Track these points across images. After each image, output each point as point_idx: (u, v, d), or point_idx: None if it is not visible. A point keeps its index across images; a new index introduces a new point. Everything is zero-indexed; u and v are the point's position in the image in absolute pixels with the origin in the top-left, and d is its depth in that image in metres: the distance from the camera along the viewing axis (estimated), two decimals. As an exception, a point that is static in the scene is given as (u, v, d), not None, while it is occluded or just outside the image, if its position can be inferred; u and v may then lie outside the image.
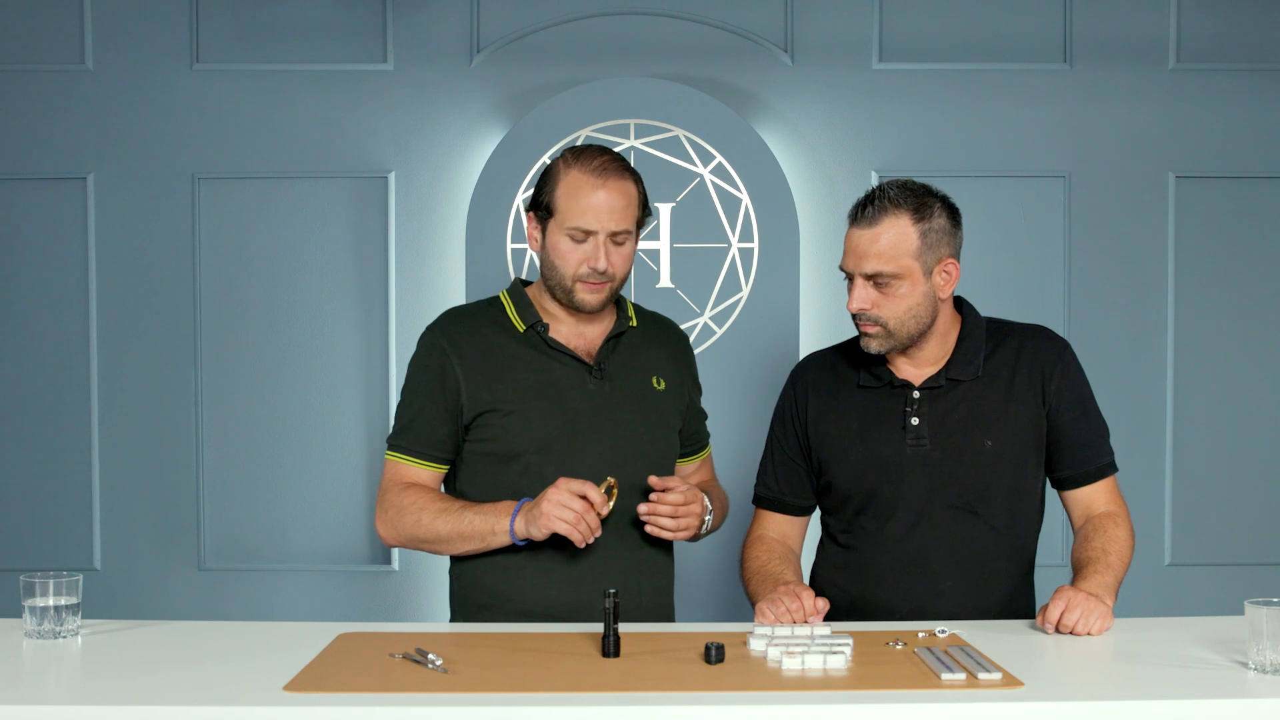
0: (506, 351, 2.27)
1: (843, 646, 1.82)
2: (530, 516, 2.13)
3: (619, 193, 2.21)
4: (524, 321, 2.29)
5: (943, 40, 3.68)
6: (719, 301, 3.56)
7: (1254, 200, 3.70)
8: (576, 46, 3.66)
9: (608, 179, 2.20)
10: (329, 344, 3.69)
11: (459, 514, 2.20)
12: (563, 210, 2.21)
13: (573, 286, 2.23)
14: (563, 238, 2.21)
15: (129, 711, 1.63)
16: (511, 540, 2.17)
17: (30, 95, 3.67)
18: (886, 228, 2.16)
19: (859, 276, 2.19)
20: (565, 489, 2.10)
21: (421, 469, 2.29)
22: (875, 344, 2.22)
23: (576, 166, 2.22)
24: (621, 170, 2.23)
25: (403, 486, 2.27)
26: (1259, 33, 3.68)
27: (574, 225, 2.20)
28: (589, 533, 2.11)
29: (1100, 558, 2.16)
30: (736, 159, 3.54)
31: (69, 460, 3.70)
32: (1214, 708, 1.64)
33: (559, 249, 2.22)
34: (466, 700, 1.65)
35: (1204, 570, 3.69)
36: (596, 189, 2.20)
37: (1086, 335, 3.61)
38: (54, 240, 3.68)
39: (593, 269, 2.20)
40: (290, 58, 3.68)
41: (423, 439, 2.28)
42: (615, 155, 2.25)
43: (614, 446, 2.26)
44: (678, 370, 2.40)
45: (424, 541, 2.25)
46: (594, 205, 2.19)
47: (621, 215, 2.21)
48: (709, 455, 2.52)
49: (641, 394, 2.31)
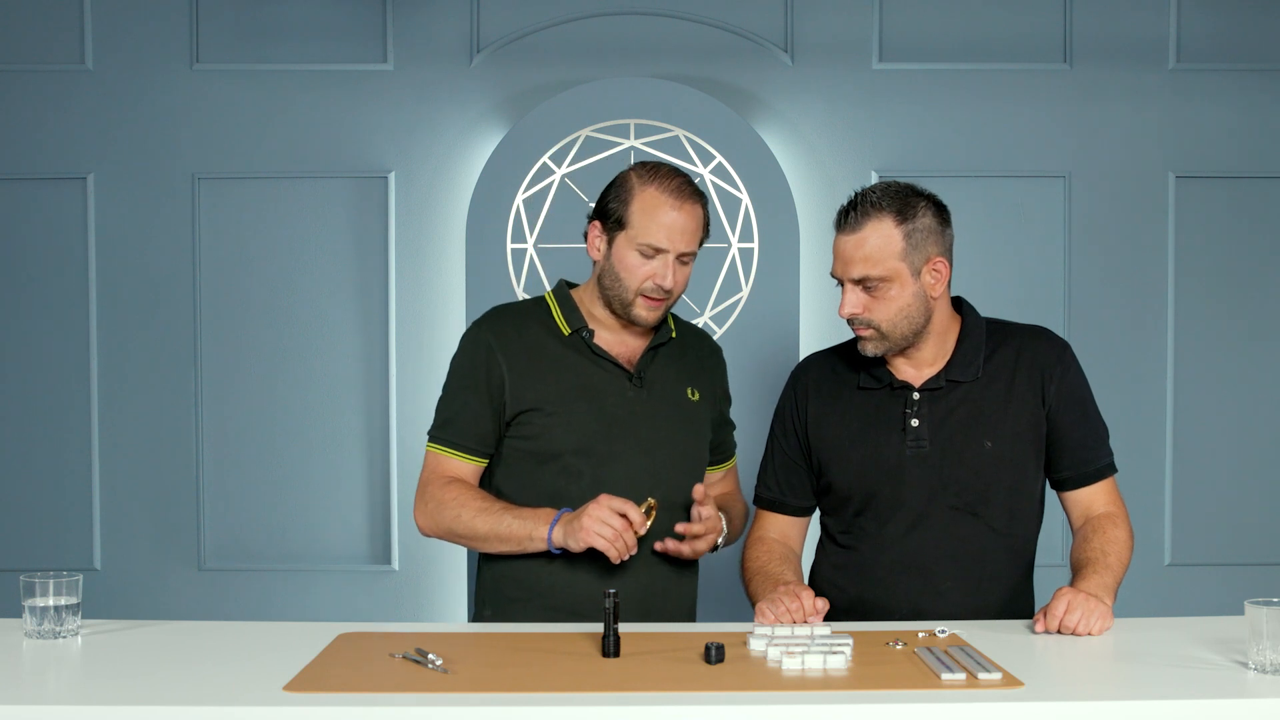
0: (551, 352, 2.30)
1: (843, 646, 1.82)
2: (570, 529, 2.16)
3: (693, 216, 2.26)
4: (570, 325, 2.32)
5: (943, 40, 3.68)
6: (719, 301, 3.55)
7: (1254, 200, 3.70)
8: (576, 46, 3.66)
9: (684, 202, 2.25)
10: (329, 344, 3.69)
11: (499, 515, 2.23)
12: (636, 225, 2.24)
13: (633, 300, 2.27)
14: (632, 252, 2.25)
15: (129, 711, 1.63)
16: (548, 548, 2.20)
17: (30, 95, 3.67)
18: (870, 232, 2.17)
19: (848, 282, 2.20)
20: (607, 506, 2.13)
21: (464, 462, 2.31)
22: (871, 347, 2.23)
23: (655, 185, 2.25)
24: (696, 194, 2.28)
25: (445, 480, 2.30)
26: (1259, 33, 3.68)
27: (646, 242, 2.23)
28: (625, 550, 2.14)
29: (1100, 558, 2.16)
30: (736, 159, 3.54)
31: (69, 460, 3.70)
32: (1214, 708, 1.64)
33: (626, 262, 2.26)
34: (466, 700, 1.65)
35: (1204, 570, 3.69)
36: (674, 210, 2.24)
37: (1086, 335, 3.61)
38: (54, 240, 3.68)
39: (658, 285, 2.25)
40: (290, 58, 3.68)
41: (466, 432, 2.31)
42: (688, 178, 2.29)
43: (649, 453, 2.29)
44: (711, 382, 2.44)
45: (461, 537, 2.28)
46: (670, 225, 2.23)
47: (692, 237, 2.27)
48: (734, 465, 2.55)
49: (677, 403, 2.35)
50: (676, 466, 2.32)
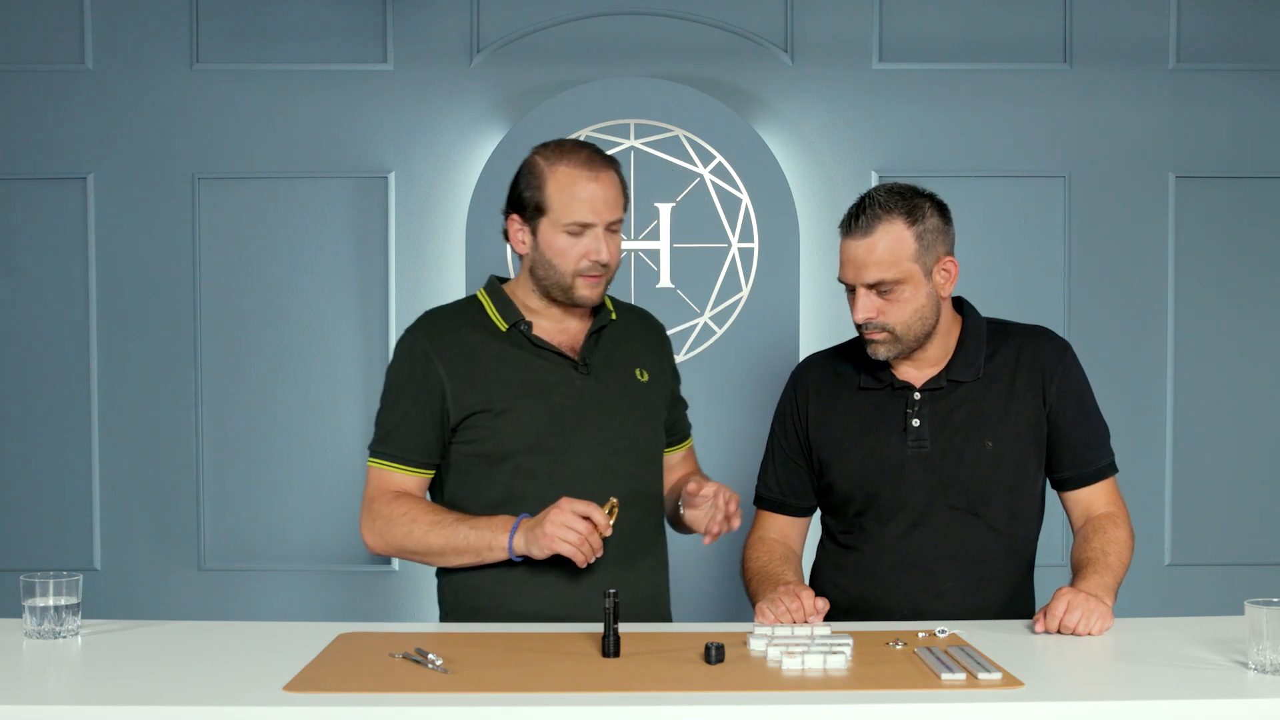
0: (490, 351, 2.24)
1: (843, 646, 1.82)
2: (532, 536, 2.10)
3: (610, 184, 2.21)
4: (506, 320, 2.26)
5: (943, 40, 3.68)
6: (719, 302, 3.56)
7: (1254, 200, 3.70)
8: (576, 46, 3.66)
9: (599, 171, 2.20)
10: (329, 344, 3.68)
11: (453, 527, 2.17)
12: (557, 207, 2.19)
13: (573, 283, 2.21)
14: (559, 235, 2.19)
15: (129, 711, 1.63)
16: (509, 557, 2.15)
17: (30, 95, 3.67)
18: (882, 235, 2.16)
19: (861, 287, 2.18)
20: (569, 510, 2.07)
21: (408, 475, 2.25)
22: (884, 350, 2.21)
23: (564, 162, 2.20)
24: (608, 161, 2.23)
25: (391, 496, 2.23)
26: (1259, 33, 3.68)
27: (571, 220, 2.18)
28: (591, 554, 2.09)
29: (1100, 558, 2.16)
30: (736, 159, 3.54)
31: (69, 460, 3.70)
32: (1214, 708, 1.64)
33: (556, 246, 2.20)
34: (466, 700, 1.65)
35: (1204, 570, 3.69)
36: (590, 181, 2.19)
37: (1086, 335, 3.61)
38: (54, 240, 3.68)
39: (595, 261, 2.19)
40: (290, 58, 3.68)
41: (408, 445, 2.24)
42: (596, 147, 2.25)
43: (605, 443, 2.24)
44: (659, 361, 2.38)
45: (414, 553, 2.21)
46: (590, 197, 2.18)
47: (614, 205, 2.21)
48: (691, 445, 2.50)
49: (627, 387, 2.29)
50: (634, 453, 2.27)
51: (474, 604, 2.24)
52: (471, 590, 2.24)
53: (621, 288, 3.50)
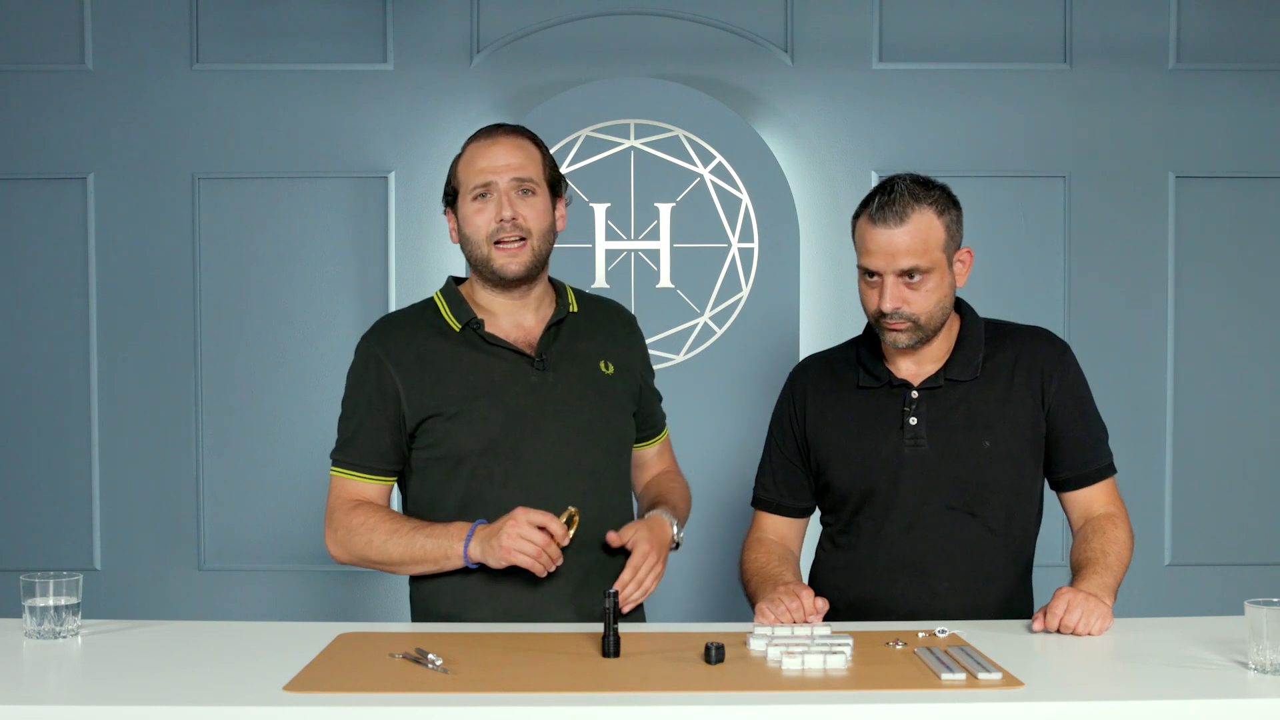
0: (444, 353, 2.21)
1: (843, 646, 1.82)
2: (488, 546, 2.07)
3: (510, 145, 2.20)
4: (459, 320, 2.23)
5: (943, 40, 3.68)
6: (719, 302, 3.56)
7: (1254, 200, 3.70)
8: (576, 46, 3.66)
9: (496, 136, 2.21)
10: (329, 344, 3.68)
11: (410, 536, 2.14)
12: (463, 180, 2.20)
13: (489, 253, 2.18)
14: (467, 205, 2.20)
15: (129, 711, 1.63)
16: (465, 564, 2.13)
17: (30, 95, 3.67)
18: (917, 222, 2.15)
19: (890, 275, 2.17)
20: (525, 521, 2.04)
21: (368, 483, 2.24)
22: (905, 338, 2.20)
23: (469, 144, 2.23)
24: (514, 130, 2.23)
25: (351, 505, 2.21)
26: (1259, 33, 3.68)
27: (474, 185, 2.18)
28: (550, 563, 2.07)
29: (1099, 559, 2.16)
30: (736, 159, 3.54)
31: (69, 460, 3.70)
32: (1214, 708, 1.64)
33: (467, 217, 2.20)
34: (466, 700, 1.65)
35: (1204, 570, 3.69)
36: (487, 147, 2.20)
37: (1086, 335, 3.61)
38: (54, 240, 3.68)
39: (502, 222, 2.16)
40: (290, 58, 3.68)
41: (366, 452, 2.23)
42: (508, 125, 2.25)
43: (564, 440, 2.19)
44: (626, 352, 2.33)
45: (376, 563, 2.19)
46: (488, 161, 2.18)
47: (520, 166, 2.19)
48: (667, 438, 2.47)
49: (589, 381, 2.24)
50: (598, 448, 2.22)
51: (441, 610, 2.21)
52: (439, 597, 2.21)
53: (621, 288, 3.51)
